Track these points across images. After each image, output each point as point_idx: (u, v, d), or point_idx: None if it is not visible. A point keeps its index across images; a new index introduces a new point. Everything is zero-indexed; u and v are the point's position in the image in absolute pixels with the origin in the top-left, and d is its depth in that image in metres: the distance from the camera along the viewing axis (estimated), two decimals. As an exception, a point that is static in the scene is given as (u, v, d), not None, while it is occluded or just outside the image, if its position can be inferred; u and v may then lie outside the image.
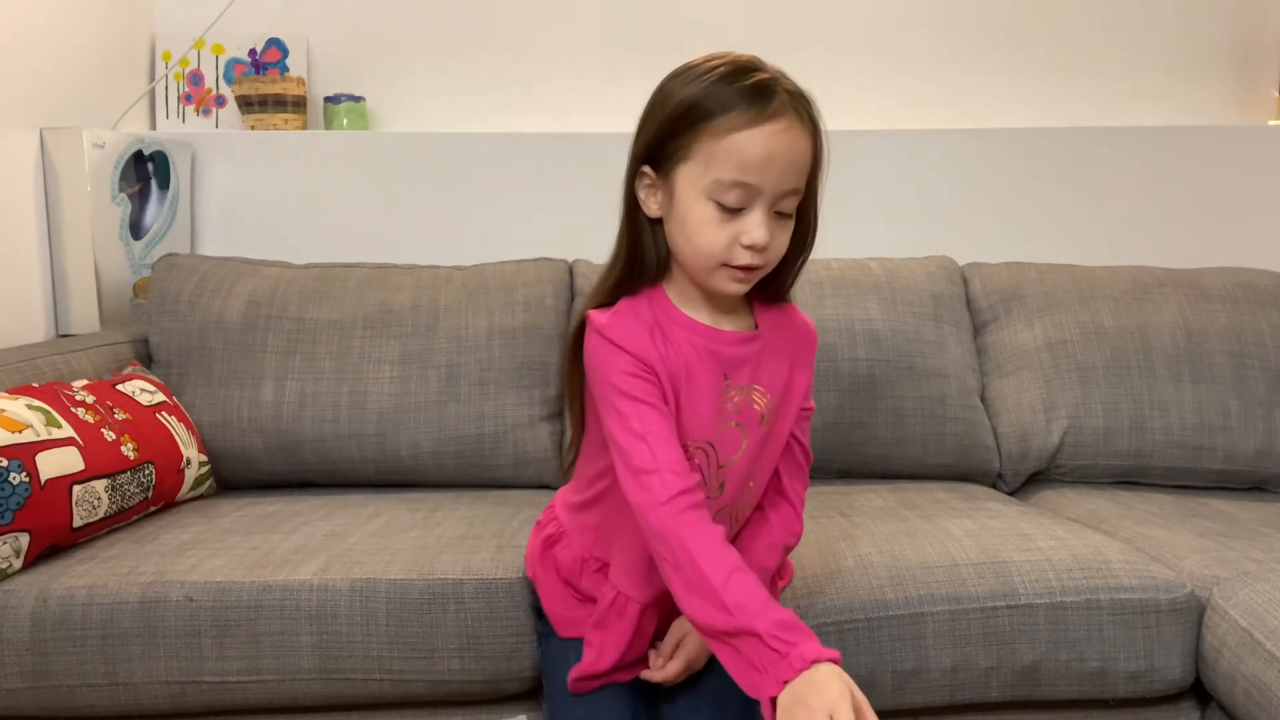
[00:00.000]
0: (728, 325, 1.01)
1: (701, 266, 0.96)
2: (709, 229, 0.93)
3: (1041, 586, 1.17)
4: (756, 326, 1.03)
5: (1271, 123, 2.00)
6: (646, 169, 0.97)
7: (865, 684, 1.14)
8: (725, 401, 1.00)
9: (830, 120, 2.23)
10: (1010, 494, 1.65)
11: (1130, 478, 1.65)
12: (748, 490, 1.04)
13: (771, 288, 1.04)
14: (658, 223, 0.99)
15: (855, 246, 1.85)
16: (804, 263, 1.04)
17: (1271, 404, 1.63)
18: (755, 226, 0.92)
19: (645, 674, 1.01)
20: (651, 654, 1.03)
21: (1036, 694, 1.18)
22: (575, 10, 2.06)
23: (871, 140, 1.98)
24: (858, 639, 1.15)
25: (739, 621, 0.83)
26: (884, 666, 1.15)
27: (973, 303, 1.77)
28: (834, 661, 0.81)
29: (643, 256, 1.00)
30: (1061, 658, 1.16)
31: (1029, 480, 1.67)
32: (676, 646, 1.01)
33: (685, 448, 0.97)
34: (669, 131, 0.94)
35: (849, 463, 1.63)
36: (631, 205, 1.00)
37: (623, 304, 1.00)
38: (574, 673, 1.03)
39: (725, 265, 0.94)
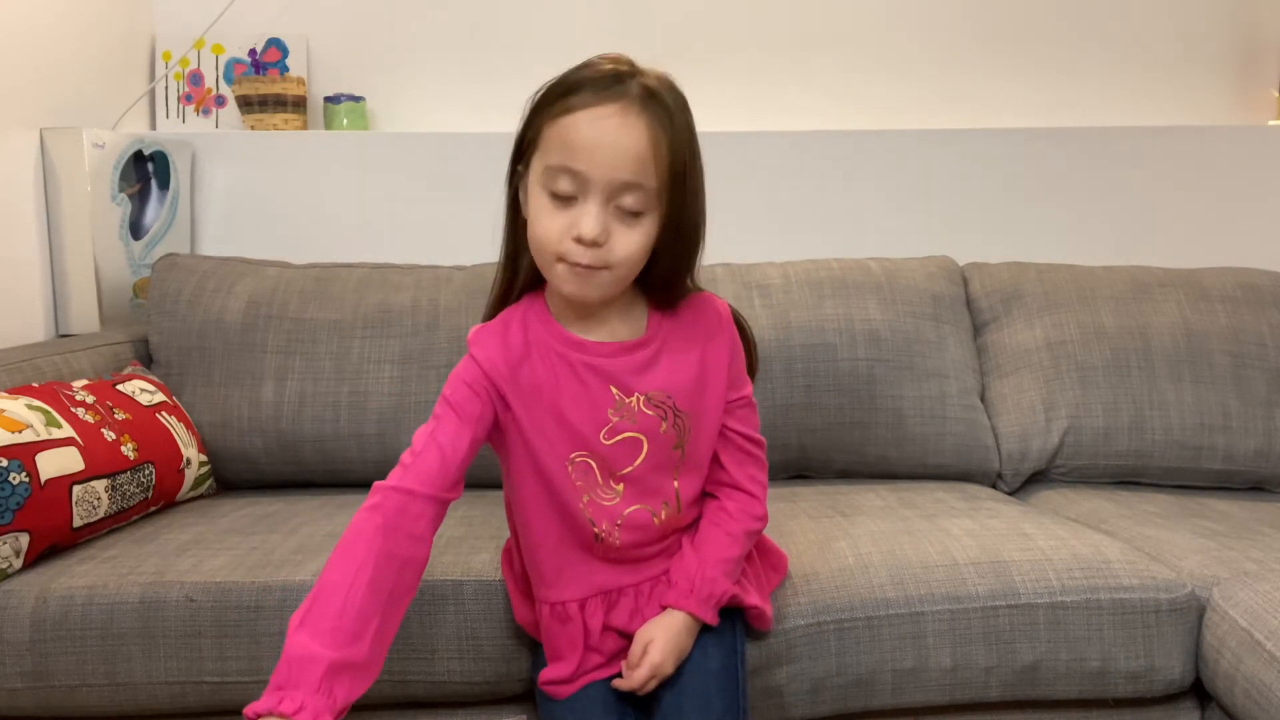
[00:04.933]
0: (605, 335, 1.00)
1: (542, 260, 0.94)
2: (544, 217, 0.91)
3: (1042, 586, 1.17)
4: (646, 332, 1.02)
5: (1271, 123, 2.00)
6: (520, 166, 0.96)
7: (865, 683, 1.15)
8: (615, 413, 0.99)
9: (830, 121, 2.23)
10: (1010, 494, 1.65)
11: (1130, 478, 1.65)
12: (673, 489, 1.03)
13: (662, 298, 1.01)
14: None
15: (855, 246, 1.85)
16: (691, 274, 1.01)
17: (1271, 404, 1.63)
18: (584, 218, 0.89)
19: (616, 683, 0.99)
20: (624, 665, 1.01)
21: (1036, 694, 1.18)
22: (575, 9, 2.06)
23: (871, 140, 1.98)
24: (858, 638, 1.15)
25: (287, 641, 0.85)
26: (884, 666, 1.15)
27: (973, 303, 1.77)
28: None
29: (517, 261, 1.01)
30: (1061, 657, 1.16)
31: (1029, 480, 1.67)
32: (643, 654, 0.99)
33: (567, 463, 0.98)
34: (529, 119, 0.94)
35: (849, 463, 1.63)
36: (510, 208, 1.00)
37: (503, 314, 1.02)
38: (542, 676, 1.04)
39: (562, 260, 0.92)
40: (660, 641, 0.99)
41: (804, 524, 1.35)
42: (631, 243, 0.92)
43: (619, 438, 0.99)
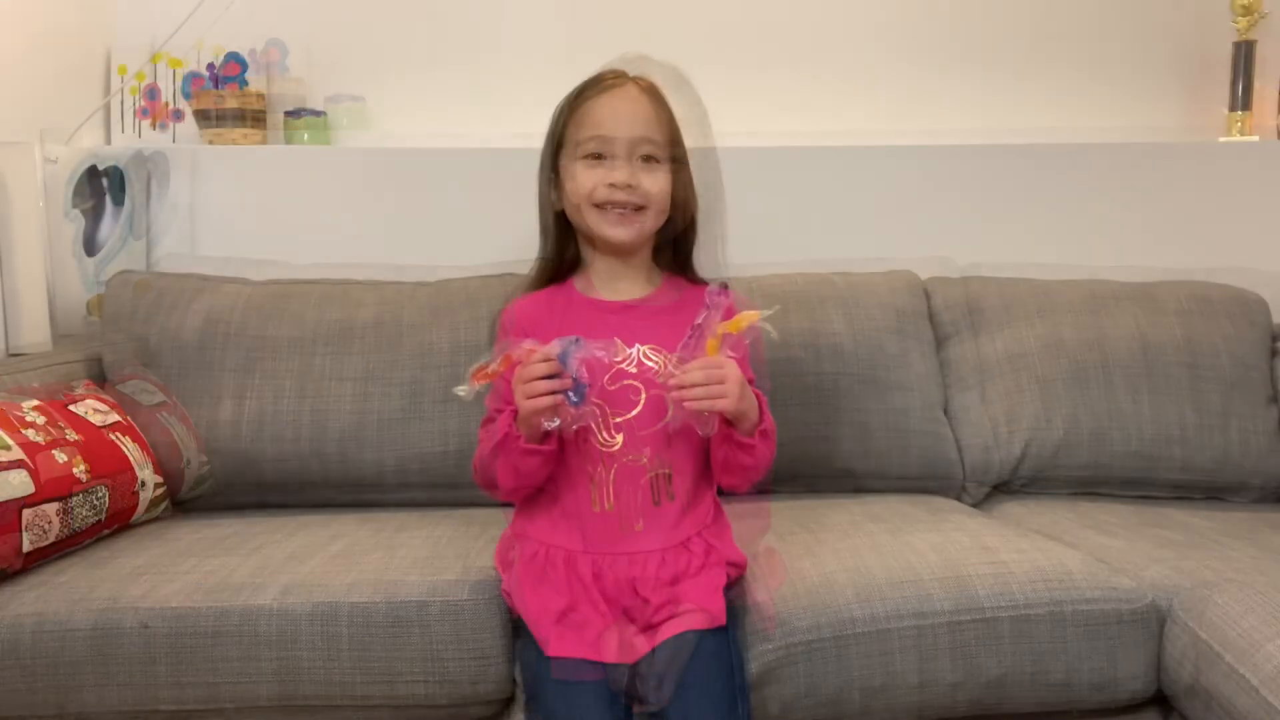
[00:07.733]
0: (618, 295, 1.20)
1: (581, 209, 1.15)
2: (580, 177, 1.15)
3: (1005, 599, 1.18)
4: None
5: (1221, 140, 2.05)
6: (552, 171, 1.19)
7: (833, 703, 1.15)
8: (617, 360, 1.13)
9: (791, 138, 2.21)
10: (974, 505, 1.66)
11: (1090, 488, 1.67)
12: (670, 449, 1.13)
13: (676, 261, 1.22)
14: (567, 220, 1.19)
15: (813, 259, 1.85)
16: (693, 231, 1.21)
17: (1227, 414, 1.66)
18: (615, 169, 1.13)
19: (668, 380, 1.06)
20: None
21: (1003, 707, 1.19)
22: (565, 20, 2.05)
23: (831, 156, 1.98)
24: (825, 658, 1.15)
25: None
26: (851, 685, 1.15)
27: (935, 316, 1.79)
28: None
29: (551, 251, 1.21)
30: (1026, 670, 1.17)
31: (992, 491, 1.69)
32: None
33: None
34: (553, 129, 1.19)
35: (814, 476, 1.64)
36: (544, 208, 1.22)
37: (535, 294, 1.22)
38: (539, 634, 1.05)
39: (598, 206, 1.14)
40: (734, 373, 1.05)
41: (770, 541, 1.34)
42: (657, 182, 1.15)
43: (620, 383, 1.13)
